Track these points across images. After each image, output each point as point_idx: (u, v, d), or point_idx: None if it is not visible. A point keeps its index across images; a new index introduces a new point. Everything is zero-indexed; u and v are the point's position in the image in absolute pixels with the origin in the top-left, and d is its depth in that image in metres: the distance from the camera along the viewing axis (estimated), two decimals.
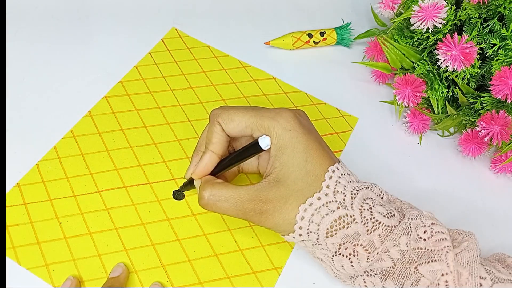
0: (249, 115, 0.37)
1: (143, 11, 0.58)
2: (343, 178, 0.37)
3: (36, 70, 0.51)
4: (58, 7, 0.57)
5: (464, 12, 0.46)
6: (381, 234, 0.35)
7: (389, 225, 0.36)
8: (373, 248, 0.35)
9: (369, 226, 0.35)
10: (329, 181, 0.36)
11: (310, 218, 0.36)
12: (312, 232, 0.36)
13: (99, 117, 0.48)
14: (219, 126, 0.38)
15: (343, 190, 0.36)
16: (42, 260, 0.40)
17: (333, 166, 0.37)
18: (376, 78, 0.55)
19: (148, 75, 0.52)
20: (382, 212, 0.36)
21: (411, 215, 0.36)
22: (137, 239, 0.42)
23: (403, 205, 0.38)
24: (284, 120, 0.37)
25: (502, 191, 0.48)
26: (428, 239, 0.35)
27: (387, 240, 0.35)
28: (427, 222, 0.36)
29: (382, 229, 0.35)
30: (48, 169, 0.44)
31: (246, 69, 0.55)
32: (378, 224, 0.35)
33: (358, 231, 0.35)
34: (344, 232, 0.36)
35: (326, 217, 0.36)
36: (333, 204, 0.36)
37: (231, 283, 0.40)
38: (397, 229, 0.35)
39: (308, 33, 0.56)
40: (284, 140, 0.36)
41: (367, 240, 0.35)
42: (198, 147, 0.41)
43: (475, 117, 0.47)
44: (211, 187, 0.37)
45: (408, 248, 0.35)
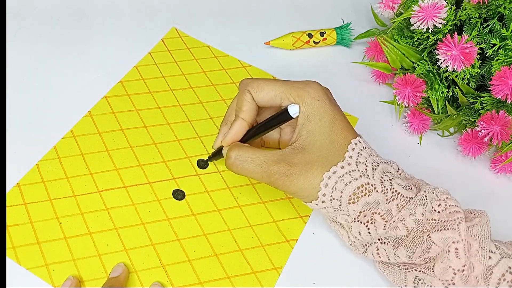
0: (278, 84, 0.39)
1: (143, 11, 0.58)
2: (365, 151, 0.38)
3: (36, 70, 0.51)
4: (58, 7, 0.57)
5: (464, 12, 0.46)
6: (399, 204, 0.37)
7: (407, 196, 0.37)
8: (390, 217, 0.37)
9: (389, 196, 0.37)
10: (352, 152, 0.38)
11: (334, 185, 0.37)
12: (335, 199, 0.37)
13: (99, 117, 0.48)
14: (249, 95, 0.39)
15: (365, 161, 0.38)
16: (42, 260, 0.40)
17: (356, 139, 0.38)
18: (376, 78, 0.55)
19: (148, 75, 0.52)
20: (401, 184, 0.38)
21: (427, 189, 0.38)
22: (137, 239, 0.42)
23: (420, 181, 0.40)
24: (313, 90, 0.38)
25: (502, 191, 0.48)
26: (442, 211, 0.37)
27: (404, 210, 0.37)
28: (442, 196, 0.38)
29: (400, 199, 0.37)
30: (48, 169, 0.44)
31: (246, 69, 0.55)
32: (396, 194, 0.37)
33: (378, 200, 0.37)
34: (365, 200, 0.37)
35: (349, 184, 0.37)
36: (356, 173, 0.37)
37: (231, 283, 0.40)
38: (414, 200, 0.37)
39: (308, 33, 0.56)
40: (312, 109, 0.38)
41: (385, 209, 0.37)
42: (227, 117, 0.43)
43: (475, 117, 0.47)
44: (239, 148, 0.39)
45: (423, 218, 0.37)
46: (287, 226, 0.44)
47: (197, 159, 0.47)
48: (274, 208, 0.45)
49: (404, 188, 0.38)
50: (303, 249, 0.43)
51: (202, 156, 0.47)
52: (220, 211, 0.44)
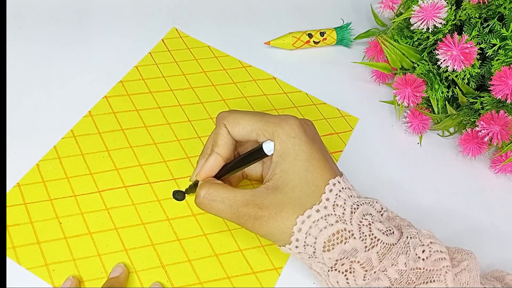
0: (254, 119, 0.37)
1: (143, 11, 0.58)
2: (344, 192, 0.36)
3: (36, 70, 0.51)
4: (58, 7, 0.57)
5: (464, 12, 0.46)
6: (379, 252, 0.35)
7: (387, 243, 0.35)
8: (371, 266, 0.35)
9: (368, 243, 0.35)
10: (329, 194, 0.35)
11: (308, 230, 0.35)
12: (309, 245, 0.35)
13: (99, 117, 0.48)
14: (225, 129, 0.38)
15: (343, 204, 0.35)
16: (42, 260, 0.40)
17: (334, 179, 0.36)
18: (376, 78, 0.55)
19: (149, 75, 0.52)
20: (381, 229, 0.35)
21: (409, 234, 0.36)
22: (137, 239, 0.42)
23: (403, 222, 0.38)
24: (289, 127, 0.36)
25: (502, 191, 0.48)
26: (427, 259, 0.35)
27: (385, 259, 0.34)
28: (426, 241, 0.35)
29: (381, 247, 0.35)
30: (48, 169, 0.44)
31: (246, 69, 0.55)
32: (376, 241, 0.35)
33: (356, 247, 0.35)
34: (341, 247, 0.35)
35: (324, 230, 0.35)
36: (332, 218, 0.35)
37: (231, 283, 0.40)
38: (395, 247, 0.35)
39: (308, 33, 0.56)
40: (286, 147, 0.36)
41: (364, 257, 0.34)
42: (205, 150, 0.41)
43: (475, 117, 0.47)
44: (209, 186, 0.37)
45: (407, 268, 0.34)
46: None
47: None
48: None
49: (385, 234, 0.35)
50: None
51: None
52: None
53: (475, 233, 0.46)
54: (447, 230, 0.45)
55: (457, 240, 0.43)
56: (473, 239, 0.45)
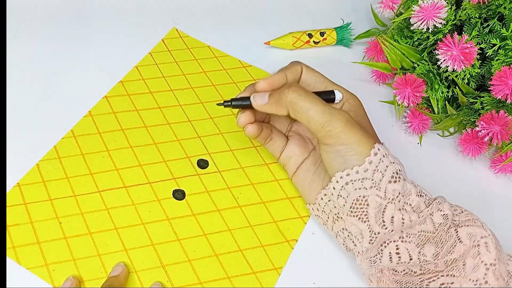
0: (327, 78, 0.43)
1: (143, 11, 0.58)
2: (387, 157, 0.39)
3: (36, 70, 0.51)
4: (58, 7, 0.57)
5: (464, 12, 0.46)
6: (426, 201, 0.38)
7: (430, 197, 0.39)
8: (419, 210, 0.37)
9: (418, 190, 0.38)
10: (380, 146, 0.38)
11: (381, 158, 0.37)
12: (379, 171, 0.37)
13: (100, 117, 0.48)
14: (300, 68, 0.42)
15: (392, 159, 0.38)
16: (42, 260, 0.40)
17: None
18: (376, 78, 0.55)
19: (149, 75, 0.52)
20: None
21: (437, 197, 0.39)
22: (137, 239, 0.42)
23: None
24: (355, 96, 0.42)
25: (502, 191, 0.48)
26: (461, 213, 0.38)
27: (432, 205, 0.37)
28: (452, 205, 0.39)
29: (425, 198, 0.38)
30: (48, 169, 0.44)
31: (246, 69, 0.55)
32: (423, 192, 0.38)
33: (410, 190, 0.38)
34: (403, 183, 0.37)
35: (392, 164, 0.37)
36: (392, 158, 0.38)
37: (231, 283, 0.40)
38: (437, 200, 0.38)
39: (308, 33, 0.56)
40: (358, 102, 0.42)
41: (415, 200, 0.37)
42: None
43: (475, 117, 0.47)
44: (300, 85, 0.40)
45: (450, 213, 0.37)
46: (287, 226, 0.44)
47: (198, 159, 0.46)
48: (274, 208, 0.45)
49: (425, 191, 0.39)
50: (303, 249, 0.43)
51: (202, 156, 0.47)
52: (220, 211, 0.44)
53: None
54: None
55: None
56: None
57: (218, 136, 0.49)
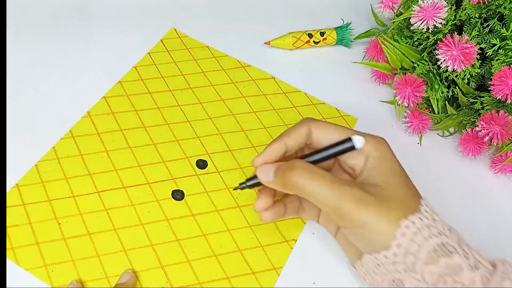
0: (345, 128, 0.36)
1: (142, 12, 0.58)
2: (435, 211, 0.34)
3: (36, 70, 0.51)
4: (58, 7, 0.57)
5: (464, 12, 0.46)
6: (484, 276, 0.31)
7: (489, 268, 0.32)
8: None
9: (471, 262, 0.31)
10: (426, 207, 0.33)
11: (412, 237, 0.31)
12: (410, 254, 0.31)
13: (98, 118, 0.48)
14: (306, 131, 0.36)
15: (440, 220, 0.33)
16: (41, 261, 0.40)
17: (423, 199, 0.34)
18: (376, 78, 0.55)
19: (147, 75, 0.52)
20: (478, 253, 0.33)
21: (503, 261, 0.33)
22: (136, 239, 0.42)
23: None
24: (383, 139, 0.36)
25: (502, 191, 0.48)
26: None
27: (491, 283, 0.31)
28: None
29: (484, 270, 0.31)
30: (47, 169, 0.44)
31: (245, 69, 0.54)
32: (479, 263, 0.32)
33: (461, 264, 0.31)
34: (447, 261, 0.31)
35: (429, 239, 0.31)
36: (434, 229, 0.32)
37: (230, 284, 0.40)
38: (498, 272, 0.31)
39: (308, 33, 0.56)
40: (384, 153, 0.34)
41: (469, 278, 0.31)
42: None
43: (475, 117, 0.47)
44: (303, 162, 0.34)
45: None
46: (287, 226, 0.44)
47: (197, 159, 0.46)
48: None
49: (484, 259, 0.32)
50: (302, 249, 0.43)
51: (201, 157, 0.47)
52: (219, 212, 0.44)
53: (475, 233, 0.45)
54: None
55: None
56: (473, 239, 0.45)
57: (217, 136, 0.49)
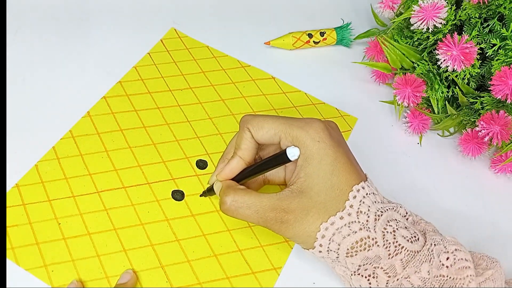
0: (278, 122, 0.37)
1: (142, 12, 0.58)
2: (368, 198, 0.36)
3: (36, 70, 0.51)
4: (58, 7, 0.57)
5: (464, 12, 0.46)
6: (403, 259, 0.35)
7: (411, 250, 0.35)
8: (394, 273, 0.35)
9: (391, 250, 0.35)
10: (353, 200, 0.36)
11: (331, 237, 0.35)
12: (332, 251, 0.36)
13: (98, 118, 0.48)
14: (249, 133, 0.38)
15: (367, 211, 0.35)
16: (41, 261, 0.40)
17: (359, 184, 0.36)
18: (376, 78, 0.55)
19: (147, 75, 0.52)
20: (405, 235, 0.35)
21: (433, 240, 0.35)
22: (136, 239, 0.42)
23: (428, 227, 0.38)
24: (314, 131, 0.36)
25: (502, 191, 0.48)
26: (451, 266, 0.34)
27: (409, 266, 0.34)
28: (450, 248, 0.35)
29: (405, 254, 0.35)
30: (47, 169, 0.44)
31: (245, 69, 0.54)
32: (400, 248, 0.35)
33: (379, 255, 0.35)
34: (364, 254, 0.35)
35: (347, 237, 0.35)
36: (356, 225, 0.35)
37: (230, 284, 0.40)
38: (419, 255, 0.35)
39: (308, 33, 0.56)
40: (311, 151, 0.36)
41: (388, 263, 0.35)
42: (225, 154, 0.41)
43: (475, 117, 0.47)
44: (234, 193, 0.37)
45: (430, 276, 0.34)
46: None
47: (197, 159, 0.46)
48: None
49: (409, 241, 0.35)
50: (302, 249, 0.43)
51: (201, 157, 0.47)
52: (219, 212, 0.44)
53: (475, 233, 0.45)
54: (447, 230, 0.45)
55: None
56: (473, 239, 0.45)
57: (217, 136, 0.49)
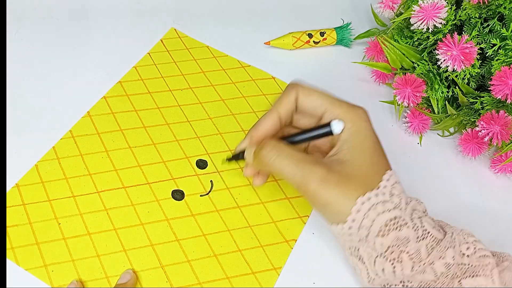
0: (327, 96, 0.38)
1: (142, 12, 0.58)
2: (398, 184, 0.37)
3: (36, 70, 0.51)
4: (58, 7, 0.57)
5: (464, 12, 0.46)
6: (428, 245, 0.35)
7: (436, 237, 0.35)
8: (419, 258, 0.34)
9: (419, 234, 0.35)
10: (387, 182, 0.36)
11: (366, 212, 0.34)
12: (364, 228, 0.35)
13: (98, 118, 0.48)
14: (295, 95, 0.38)
15: (399, 194, 0.36)
16: (41, 261, 0.40)
17: (391, 171, 0.37)
18: (376, 78, 0.55)
19: (147, 75, 0.52)
20: (430, 223, 0.36)
21: (454, 230, 0.36)
22: (136, 239, 0.42)
23: (441, 222, 0.38)
24: (362, 112, 0.37)
25: (502, 191, 0.48)
26: (472, 255, 0.35)
27: (434, 252, 0.35)
28: (470, 239, 0.36)
29: (430, 240, 0.35)
30: (47, 169, 0.44)
31: (245, 69, 0.54)
32: (427, 233, 0.35)
33: (408, 236, 0.35)
34: (396, 234, 0.34)
35: (381, 215, 0.35)
36: (389, 204, 0.35)
37: (230, 284, 0.40)
38: (443, 241, 0.35)
39: (308, 33, 0.56)
40: (359, 127, 0.36)
41: (414, 248, 0.34)
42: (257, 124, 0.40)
43: (475, 117, 0.47)
44: (276, 141, 0.37)
45: (454, 262, 0.34)
46: (287, 226, 0.44)
47: (197, 159, 0.46)
48: (273, 208, 0.45)
49: (434, 228, 0.36)
50: (302, 249, 0.43)
51: (201, 157, 0.47)
52: (219, 212, 0.44)
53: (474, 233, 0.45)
54: None
55: None
56: None
57: (217, 136, 0.49)
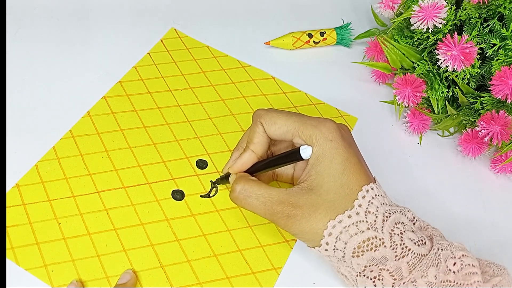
0: (292, 120, 0.38)
1: (142, 12, 0.58)
2: (377, 199, 0.36)
3: (36, 70, 0.51)
4: (58, 7, 0.57)
5: (464, 12, 0.46)
6: (410, 262, 0.35)
7: (418, 253, 0.35)
8: (400, 276, 0.34)
9: (398, 252, 0.35)
10: (362, 200, 0.36)
11: (338, 235, 0.35)
12: (338, 250, 0.35)
13: (98, 118, 0.48)
14: (261, 127, 0.39)
15: (375, 212, 0.36)
16: (41, 261, 0.40)
17: (368, 185, 0.36)
18: (376, 78, 0.55)
19: (147, 75, 0.52)
20: (412, 238, 0.35)
21: (441, 245, 0.35)
22: (136, 239, 0.42)
23: (435, 232, 0.38)
24: (327, 130, 0.36)
25: (502, 191, 0.48)
26: (458, 272, 0.34)
27: (416, 270, 0.34)
28: (457, 253, 0.35)
29: (411, 257, 0.35)
30: (47, 169, 0.44)
31: (245, 69, 0.54)
32: (407, 251, 0.35)
33: (386, 256, 0.35)
34: (371, 255, 0.35)
35: (354, 236, 0.35)
36: (363, 225, 0.35)
37: (230, 284, 0.40)
38: (426, 258, 0.35)
39: (308, 33, 0.56)
40: (324, 149, 0.36)
41: (394, 266, 0.35)
42: (240, 143, 0.42)
43: (475, 117, 0.47)
44: (245, 182, 0.38)
45: (436, 281, 0.34)
46: None
47: (197, 159, 0.46)
48: None
49: (416, 244, 0.35)
50: (302, 249, 0.43)
51: (201, 157, 0.47)
52: (219, 212, 0.44)
53: (475, 233, 0.45)
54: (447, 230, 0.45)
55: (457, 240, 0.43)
56: (473, 239, 0.45)
57: (217, 136, 0.49)
